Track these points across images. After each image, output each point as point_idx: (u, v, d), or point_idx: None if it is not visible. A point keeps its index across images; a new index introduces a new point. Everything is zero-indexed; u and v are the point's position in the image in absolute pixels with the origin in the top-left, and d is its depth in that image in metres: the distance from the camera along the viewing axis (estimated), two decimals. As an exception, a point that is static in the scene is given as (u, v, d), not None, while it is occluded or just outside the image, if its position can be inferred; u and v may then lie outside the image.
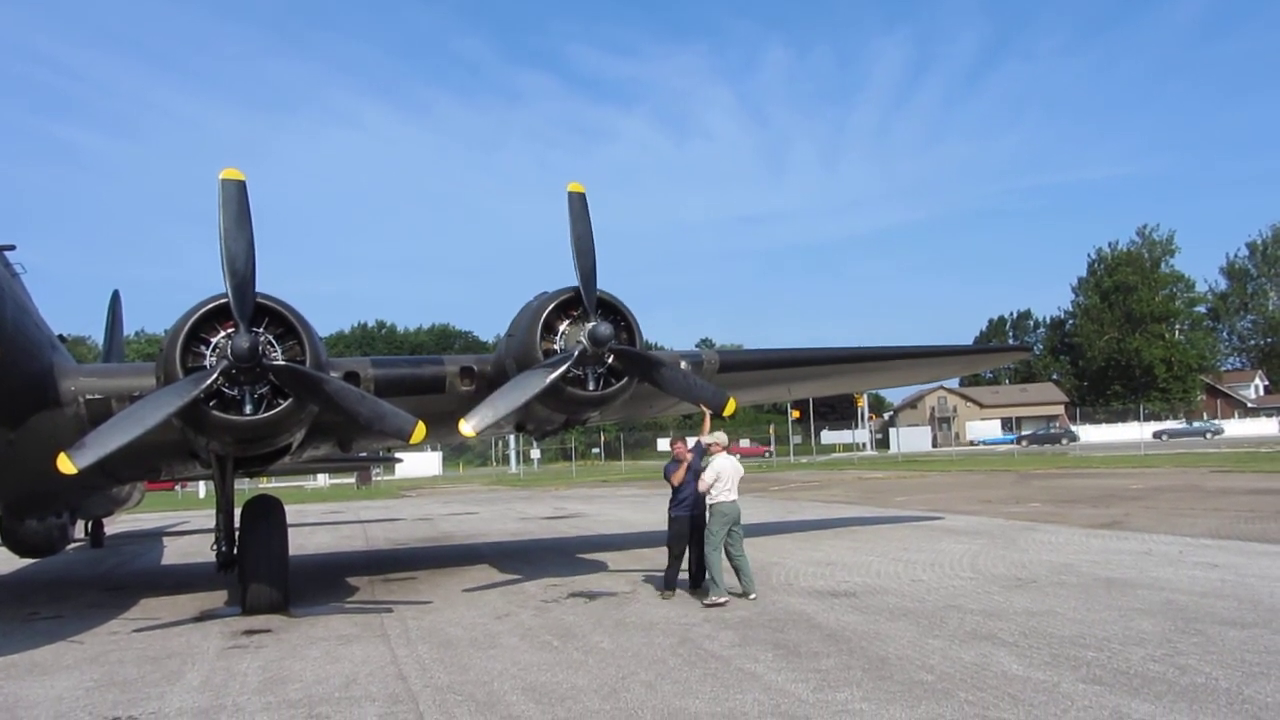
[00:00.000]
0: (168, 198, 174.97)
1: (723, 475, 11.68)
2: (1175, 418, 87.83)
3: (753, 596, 11.49)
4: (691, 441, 12.43)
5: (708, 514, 11.80)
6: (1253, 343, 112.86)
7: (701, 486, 11.70)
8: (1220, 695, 6.67)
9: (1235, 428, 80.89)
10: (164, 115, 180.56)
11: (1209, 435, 75.55)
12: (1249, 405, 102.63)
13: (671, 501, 12.20)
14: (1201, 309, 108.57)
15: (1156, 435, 76.62)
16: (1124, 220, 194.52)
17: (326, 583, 15.14)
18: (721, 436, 12.14)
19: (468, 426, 11.19)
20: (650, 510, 27.19)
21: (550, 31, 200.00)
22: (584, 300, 11.72)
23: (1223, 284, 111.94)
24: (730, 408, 12.34)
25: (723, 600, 11.15)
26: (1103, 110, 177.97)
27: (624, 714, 6.84)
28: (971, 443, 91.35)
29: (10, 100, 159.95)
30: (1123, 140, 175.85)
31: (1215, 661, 7.61)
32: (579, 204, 11.90)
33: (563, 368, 11.41)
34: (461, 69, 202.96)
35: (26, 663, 9.69)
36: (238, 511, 13.07)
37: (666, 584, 12.24)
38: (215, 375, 9.95)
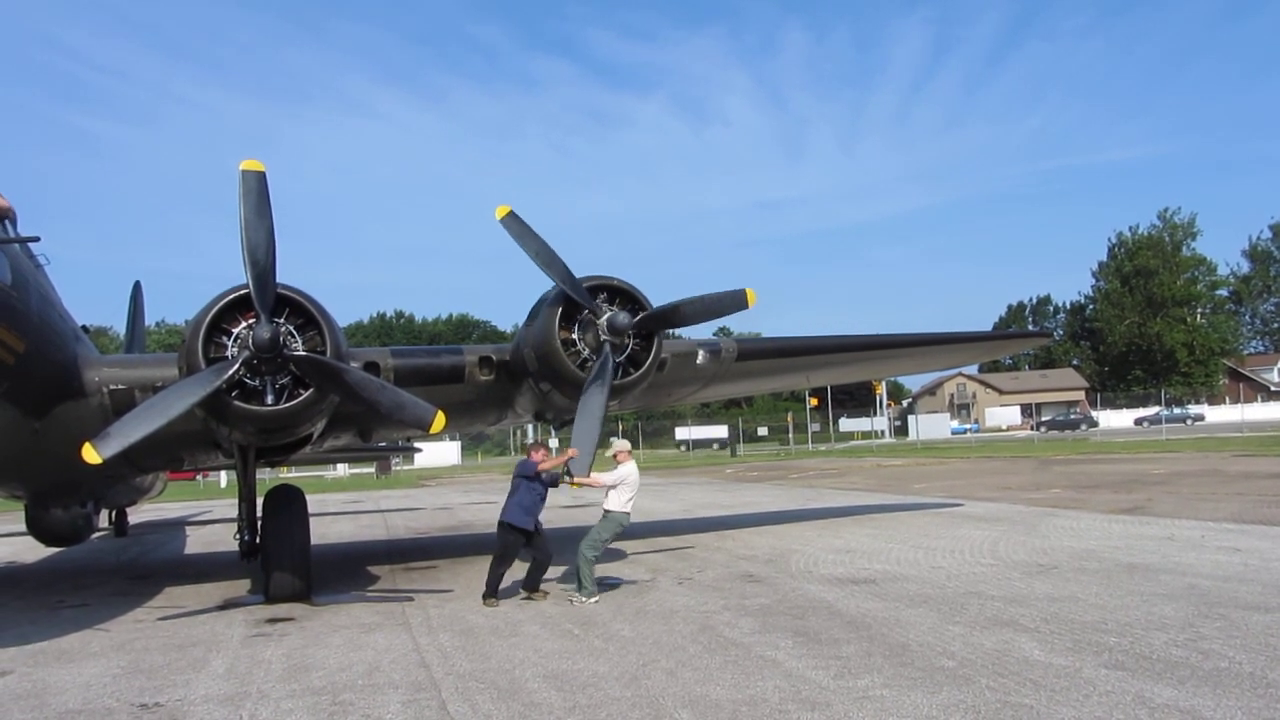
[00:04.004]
0: (187, 187, 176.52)
1: (628, 482, 11.59)
2: (1197, 402, 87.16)
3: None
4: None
5: (604, 518, 11.56)
6: (1276, 325, 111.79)
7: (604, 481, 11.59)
8: (1244, 679, 6.64)
9: (1258, 411, 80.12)
10: (182, 104, 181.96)
11: (1190, 422, 74.97)
12: (1271, 388, 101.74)
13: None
14: (1223, 292, 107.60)
15: (1138, 422, 76.02)
16: (1145, 203, 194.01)
17: (348, 571, 15.24)
18: (623, 443, 12.17)
19: (501, 210, 11.56)
20: (669, 499, 27.28)
21: (567, 16, 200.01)
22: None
23: (1245, 266, 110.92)
24: (574, 486, 11.95)
25: (596, 599, 11.09)
26: (1124, 91, 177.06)
27: (645, 701, 6.87)
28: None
29: (31, 89, 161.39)
30: (1144, 122, 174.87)
31: (1238, 646, 7.57)
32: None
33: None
34: (478, 56, 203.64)
35: (54, 650, 9.80)
36: (260, 501, 13.17)
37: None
38: (237, 365, 10.02)
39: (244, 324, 10.43)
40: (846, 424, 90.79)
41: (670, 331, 13.10)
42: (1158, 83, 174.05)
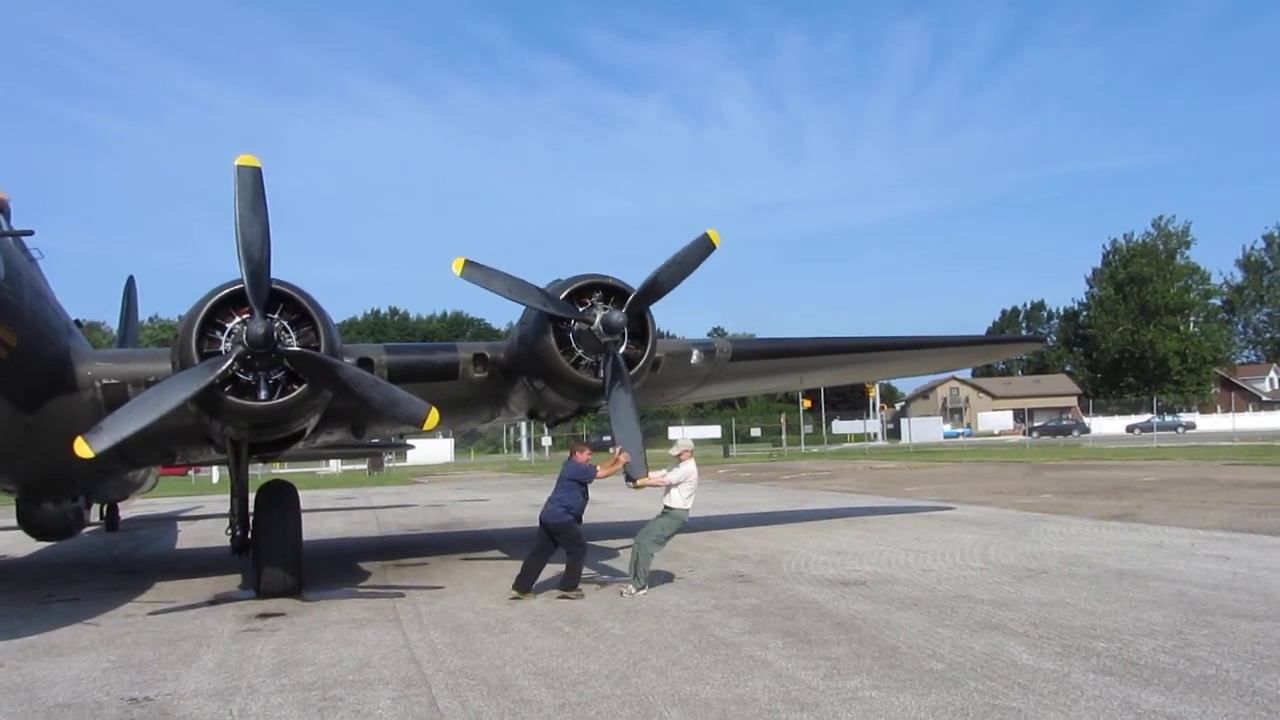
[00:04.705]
0: (183, 183, 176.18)
1: (689, 480, 11.86)
2: (1189, 410, 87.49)
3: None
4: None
5: (662, 512, 11.84)
6: (1268, 335, 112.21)
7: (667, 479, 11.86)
8: (1231, 687, 6.67)
9: (1249, 421, 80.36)
10: (180, 100, 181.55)
11: (1181, 430, 75.20)
12: (1263, 398, 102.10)
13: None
14: (1217, 301, 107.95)
15: (1130, 429, 76.18)
16: (1140, 211, 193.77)
17: (339, 568, 15.24)
18: (687, 441, 12.52)
19: (458, 264, 11.45)
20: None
21: (567, 16, 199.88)
22: (631, 299, 11.87)
23: (1239, 276, 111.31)
24: (640, 484, 12.04)
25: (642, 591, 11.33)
26: (1122, 100, 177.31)
27: (635, 699, 6.89)
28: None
29: (27, 84, 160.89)
30: (1141, 130, 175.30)
31: (1226, 653, 7.61)
32: (704, 246, 12.22)
33: (563, 314, 11.66)
34: (477, 54, 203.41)
35: (44, 644, 9.79)
36: (252, 496, 13.17)
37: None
38: (230, 361, 10.01)
39: (238, 319, 10.41)
40: (839, 426, 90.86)
41: (664, 332, 13.13)
42: (1155, 91, 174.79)
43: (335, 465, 65.27)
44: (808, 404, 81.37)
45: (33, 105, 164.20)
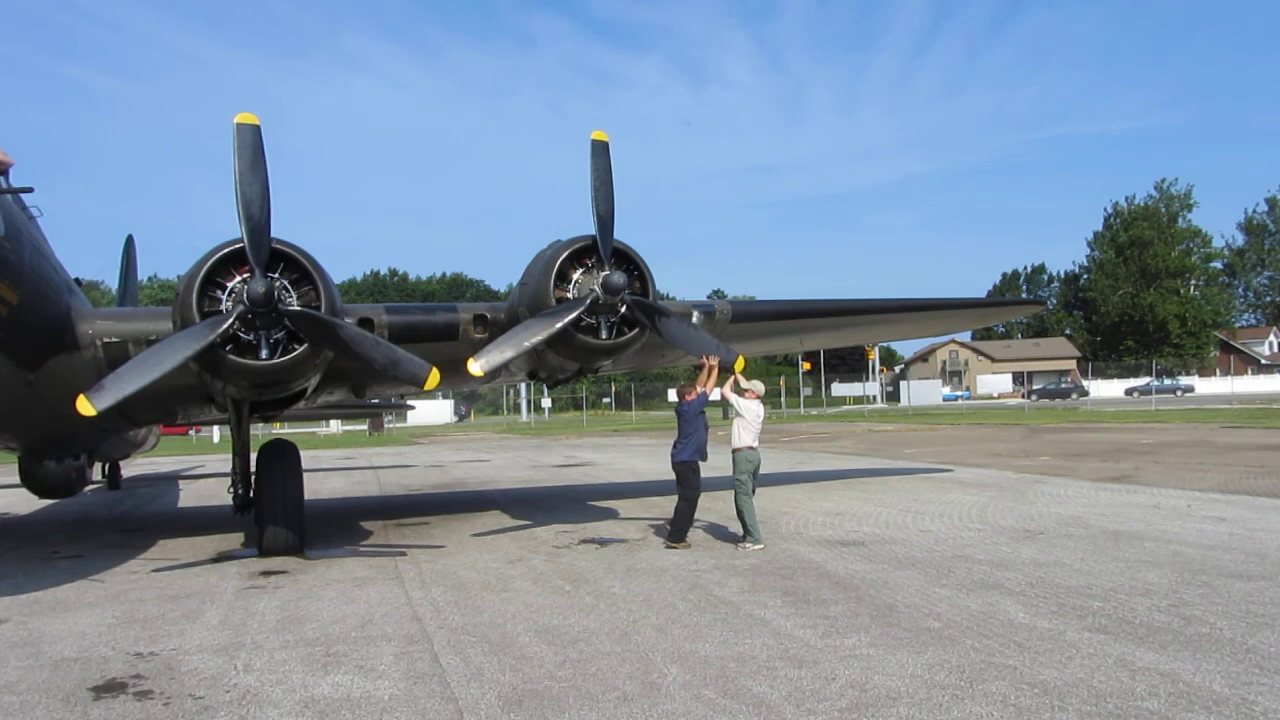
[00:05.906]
0: (180, 142, 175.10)
1: (747, 418, 12.11)
2: (1188, 373, 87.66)
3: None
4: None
5: (732, 461, 12.15)
6: (1269, 299, 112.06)
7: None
8: (1225, 645, 6.75)
9: (1248, 384, 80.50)
10: (177, 58, 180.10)
11: (1179, 393, 75.35)
12: (1263, 362, 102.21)
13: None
14: (1218, 264, 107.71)
15: (1129, 392, 76.32)
16: (1142, 174, 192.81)
17: (341, 527, 15.32)
18: (758, 385, 12.68)
19: (475, 366, 11.29)
20: (660, 460, 27.33)
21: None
22: (599, 249, 11.70)
23: (1240, 239, 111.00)
24: (740, 364, 12.35)
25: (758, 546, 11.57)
26: (1124, 62, 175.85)
27: (635, 656, 6.96)
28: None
29: (24, 42, 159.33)
30: (1144, 93, 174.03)
31: (1220, 612, 7.68)
32: (601, 152, 11.78)
33: (574, 314, 11.48)
34: (475, 11, 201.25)
35: (49, 600, 9.88)
36: (253, 455, 13.21)
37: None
38: (231, 320, 10.01)
39: (238, 278, 10.40)
40: (839, 389, 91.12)
41: (664, 294, 13.10)
42: (1158, 54, 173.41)
43: (335, 426, 65.51)
44: (807, 366, 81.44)
45: (30, 62, 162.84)
